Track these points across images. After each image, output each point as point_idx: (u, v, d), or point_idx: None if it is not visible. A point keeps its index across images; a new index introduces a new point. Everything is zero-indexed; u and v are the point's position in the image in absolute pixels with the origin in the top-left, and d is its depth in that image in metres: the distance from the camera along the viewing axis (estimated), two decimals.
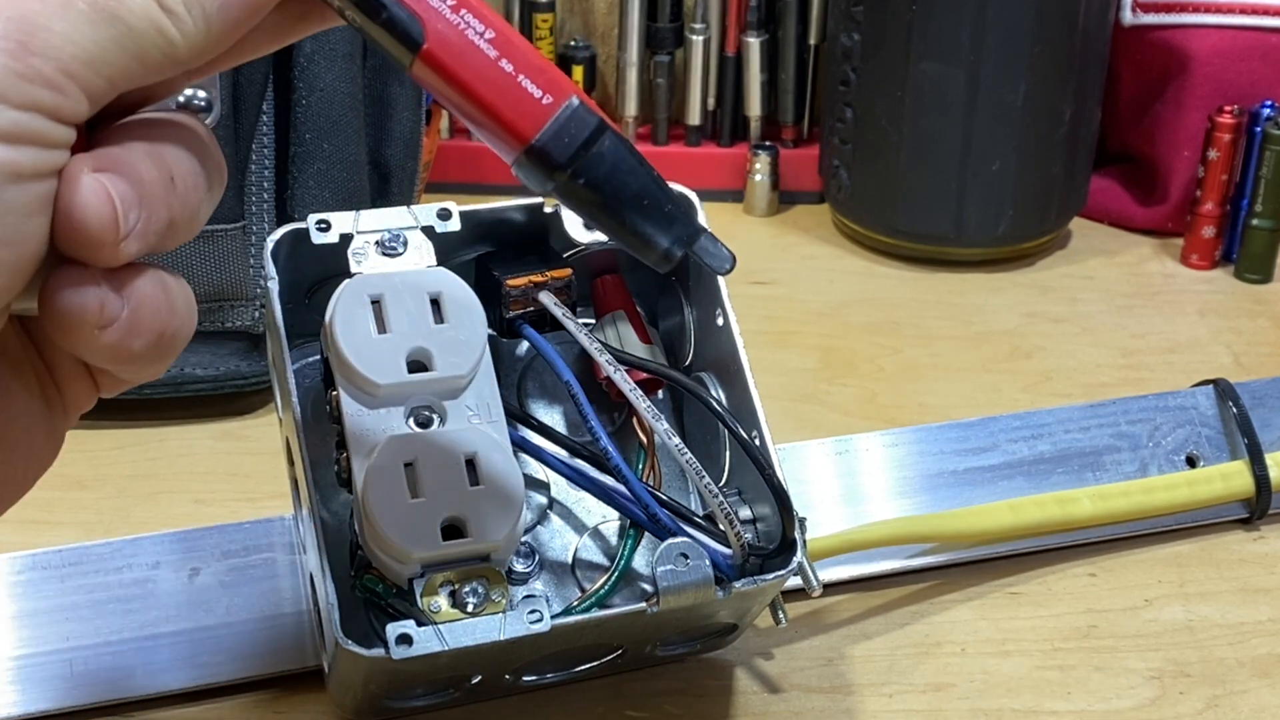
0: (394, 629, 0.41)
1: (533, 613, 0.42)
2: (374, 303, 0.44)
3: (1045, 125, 0.80)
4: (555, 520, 0.50)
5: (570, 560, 0.49)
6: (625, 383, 0.45)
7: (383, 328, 0.44)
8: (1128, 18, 0.85)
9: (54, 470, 0.63)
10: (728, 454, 0.50)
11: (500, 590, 0.42)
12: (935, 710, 0.51)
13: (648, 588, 0.46)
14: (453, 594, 0.42)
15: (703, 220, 0.49)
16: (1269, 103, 0.80)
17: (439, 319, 0.45)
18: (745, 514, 0.48)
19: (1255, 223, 0.81)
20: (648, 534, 0.47)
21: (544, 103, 0.36)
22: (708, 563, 0.44)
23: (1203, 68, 0.84)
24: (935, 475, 0.59)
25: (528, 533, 0.49)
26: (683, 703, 0.51)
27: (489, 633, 0.42)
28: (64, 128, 0.33)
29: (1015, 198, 0.81)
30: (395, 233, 0.46)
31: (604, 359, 0.45)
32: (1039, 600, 0.57)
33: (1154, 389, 0.64)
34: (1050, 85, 0.79)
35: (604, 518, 0.50)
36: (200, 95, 0.60)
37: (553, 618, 0.42)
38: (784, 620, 0.49)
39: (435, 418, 0.45)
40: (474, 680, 0.47)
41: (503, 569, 0.43)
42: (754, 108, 0.90)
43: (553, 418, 0.51)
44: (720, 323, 0.49)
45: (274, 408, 0.51)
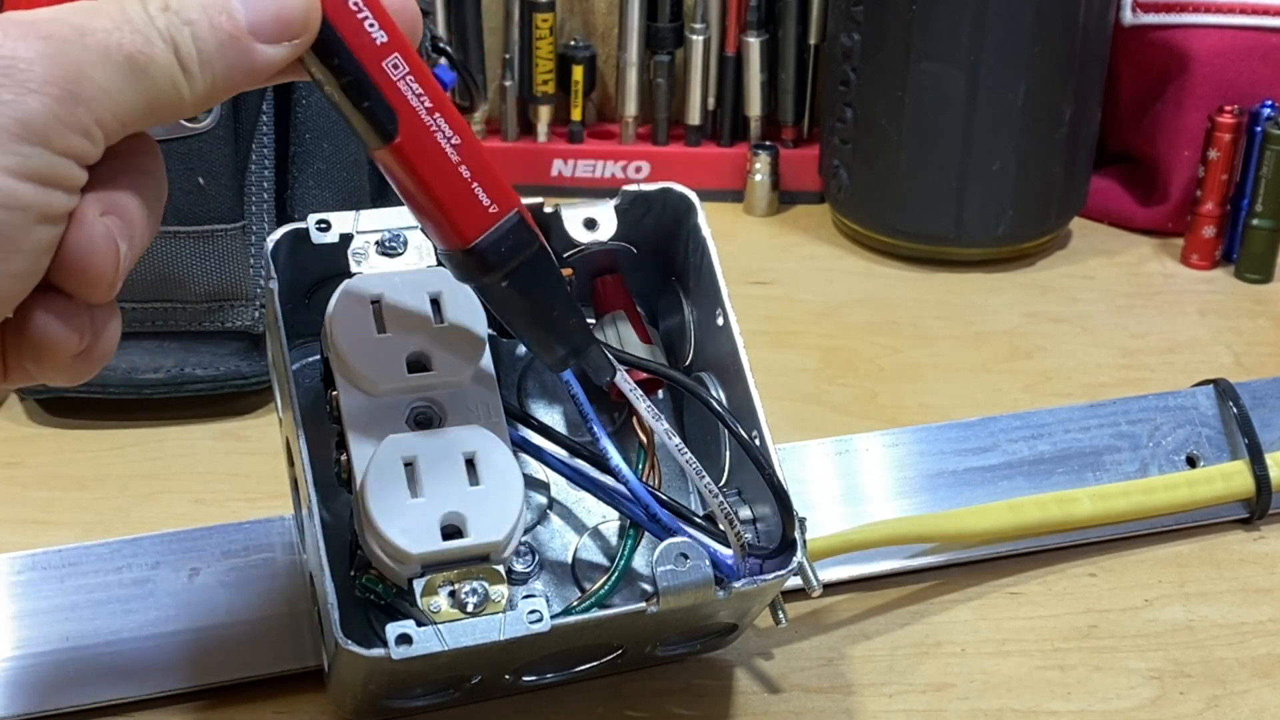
0: (394, 629, 0.41)
1: (533, 613, 0.42)
2: (374, 303, 0.45)
3: (1045, 125, 0.80)
4: (555, 520, 0.50)
5: (570, 560, 0.49)
6: (625, 383, 0.45)
7: (383, 328, 0.44)
8: (1128, 18, 0.85)
9: (54, 470, 0.63)
10: (728, 454, 0.50)
11: (500, 590, 0.42)
12: (935, 710, 0.51)
13: (648, 588, 0.46)
14: (452, 594, 0.42)
15: (701, 219, 0.49)
16: (1269, 103, 0.80)
17: (439, 319, 0.45)
18: (745, 514, 0.48)
19: (1255, 223, 0.81)
20: (648, 534, 0.47)
21: (490, 211, 0.39)
22: (708, 563, 0.44)
23: (1203, 68, 0.84)
24: (935, 475, 0.59)
25: (528, 533, 0.49)
26: (683, 703, 0.51)
27: (489, 633, 0.42)
28: (84, 172, 0.35)
29: (1015, 198, 0.81)
30: (395, 233, 0.46)
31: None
32: (1039, 600, 0.57)
33: (1154, 389, 0.64)
34: (1050, 85, 0.79)
35: (604, 518, 0.50)
36: None
37: (553, 618, 0.42)
38: (784, 620, 0.49)
39: (435, 418, 0.45)
40: (474, 680, 0.47)
41: (502, 569, 0.43)
42: (754, 108, 0.90)
43: (553, 418, 0.51)
44: (720, 323, 0.49)
45: (274, 408, 0.51)
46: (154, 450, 0.64)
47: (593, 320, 0.51)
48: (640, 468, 0.48)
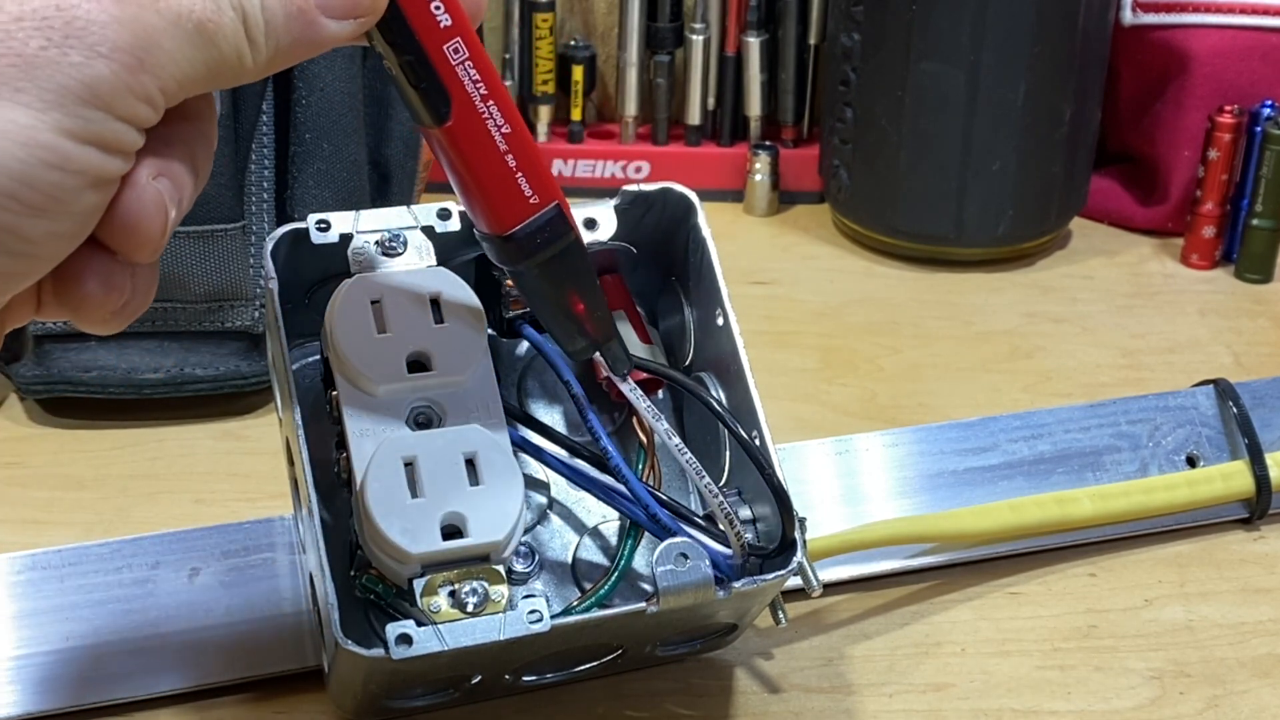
0: (394, 629, 0.41)
1: (533, 613, 0.42)
2: (374, 303, 0.44)
3: (1045, 125, 0.80)
4: (555, 520, 0.50)
5: (570, 560, 0.49)
6: (625, 383, 0.45)
7: (383, 328, 0.44)
8: (1128, 18, 0.85)
9: (54, 470, 0.63)
10: (728, 454, 0.50)
11: (500, 590, 0.42)
12: (935, 710, 0.51)
13: (648, 588, 0.46)
14: (452, 594, 0.42)
15: (701, 219, 0.49)
16: (1269, 103, 0.80)
17: (439, 319, 0.45)
18: (745, 514, 0.48)
19: (1255, 223, 0.81)
20: (648, 534, 0.47)
21: (531, 201, 0.40)
22: (708, 563, 0.44)
23: (1203, 68, 0.84)
24: (935, 475, 0.59)
25: (528, 533, 0.49)
26: (683, 703, 0.51)
27: (489, 633, 0.42)
28: (142, 136, 0.35)
29: (1015, 198, 0.81)
30: (395, 233, 0.46)
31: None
32: (1039, 600, 0.57)
33: (1154, 389, 0.64)
34: (1050, 85, 0.79)
35: (604, 518, 0.50)
36: None
37: (553, 618, 0.42)
38: (784, 620, 0.49)
39: (435, 418, 0.45)
40: (474, 680, 0.47)
41: (502, 569, 0.43)
42: (754, 108, 0.90)
43: (553, 418, 0.51)
44: (720, 323, 0.49)
45: (274, 408, 0.51)
46: (154, 450, 0.64)
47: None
48: (640, 468, 0.48)
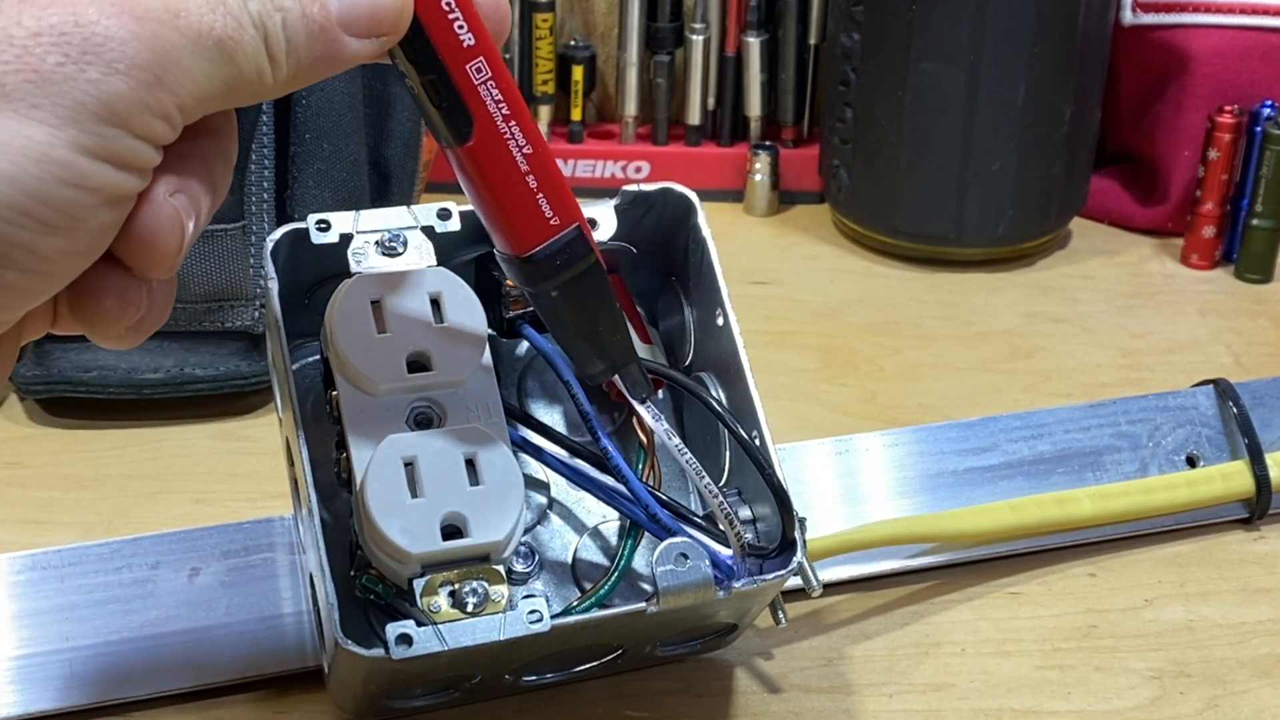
0: (394, 629, 0.41)
1: (533, 613, 0.42)
2: (374, 303, 0.44)
3: (1045, 125, 0.80)
4: (555, 520, 0.50)
5: (570, 560, 0.49)
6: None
7: (383, 328, 0.44)
8: (1128, 18, 0.85)
9: (54, 470, 0.63)
10: (728, 454, 0.50)
11: (500, 590, 0.42)
12: (935, 710, 0.51)
13: (648, 588, 0.46)
14: (453, 594, 0.42)
15: (701, 219, 0.49)
16: (1269, 103, 0.80)
17: (439, 319, 0.45)
18: (745, 514, 0.48)
19: (1255, 223, 0.81)
20: (648, 534, 0.47)
21: (551, 223, 0.40)
22: (707, 563, 0.44)
23: (1203, 68, 0.84)
24: (935, 475, 0.59)
25: (528, 533, 0.49)
26: (683, 703, 0.51)
27: (489, 633, 0.42)
28: (159, 154, 0.34)
29: (1015, 198, 0.81)
30: (395, 233, 0.46)
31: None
32: (1039, 600, 0.57)
33: (1154, 389, 0.64)
34: (1050, 85, 0.79)
35: (604, 518, 0.50)
36: None
37: (553, 618, 0.42)
38: (784, 620, 0.49)
39: (435, 418, 0.45)
40: (474, 680, 0.47)
41: (502, 569, 0.43)
42: (754, 108, 0.90)
43: (553, 418, 0.51)
44: (720, 323, 0.49)
45: (274, 408, 0.51)
46: (154, 450, 0.64)
47: None
48: (640, 468, 0.48)
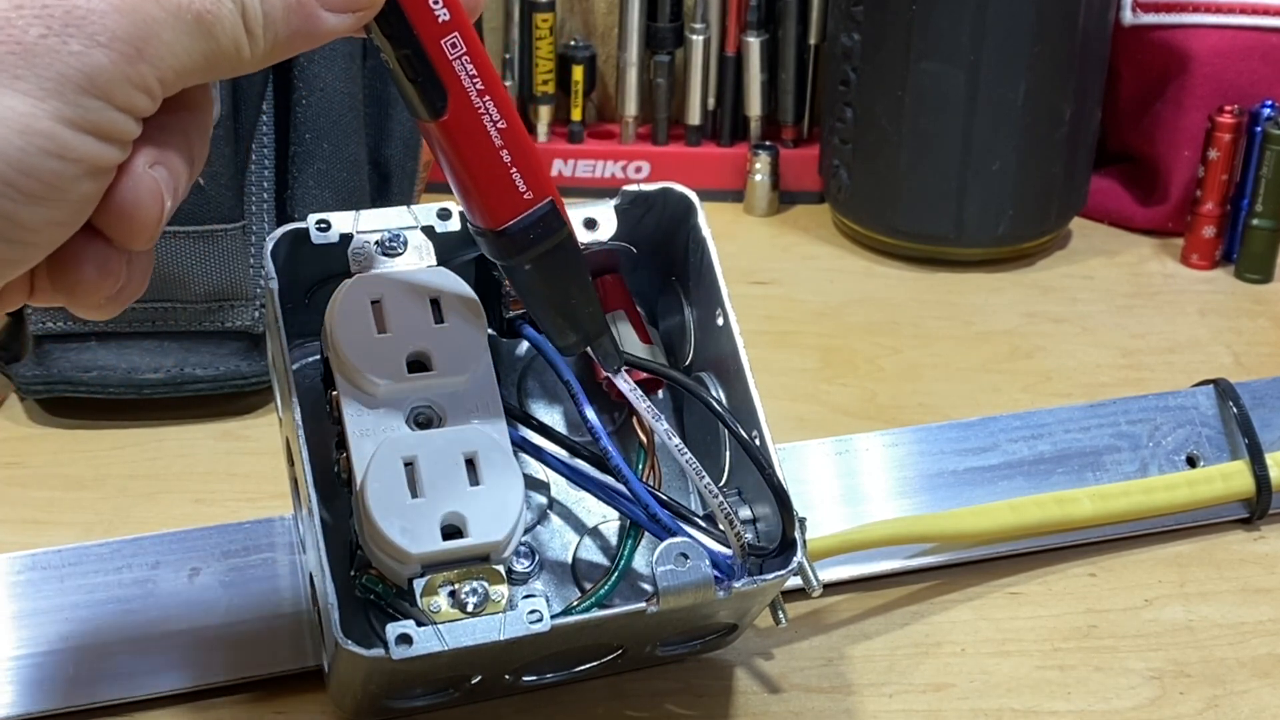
0: (394, 629, 0.41)
1: (533, 613, 0.42)
2: (374, 303, 0.44)
3: (1045, 125, 0.80)
4: (555, 520, 0.50)
5: (570, 560, 0.49)
6: (625, 383, 0.45)
7: (383, 328, 0.44)
8: (1128, 18, 0.85)
9: (54, 470, 0.63)
10: (728, 454, 0.50)
11: (500, 590, 0.42)
12: (935, 710, 0.51)
13: (648, 588, 0.46)
14: (453, 594, 0.42)
15: (701, 219, 0.49)
16: (1269, 103, 0.80)
17: (439, 319, 0.45)
18: (745, 514, 0.48)
19: (1255, 223, 0.81)
20: (648, 534, 0.47)
21: (525, 197, 0.41)
22: (707, 563, 0.44)
23: (1203, 68, 0.84)
24: (935, 475, 0.59)
25: (528, 533, 0.49)
26: (683, 703, 0.51)
27: (489, 633, 0.42)
28: (139, 126, 0.35)
29: (1015, 198, 0.81)
30: (395, 233, 0.46)
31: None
32: (1039, 600, 0.57)
33: (1154, 389, 0.64)
34: (1050, 85, 0.79)
35: (604, 518, 0.50)
36: None
37: (553, 618, 0.42)
38: (784, 620, 0.49)
39: (435, 418, 0.45)
40: (474, 680, 0.47)
41: (502, 569, 0.43)
42: (754, 108, 0.90)
43: (553, 418, 0.51)
44: (720, 323, 0.49)
45: (274, 408, 0.51)
46: (154, 450, 0.64)
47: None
48: (640, 468, 0.48)
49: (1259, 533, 0.61)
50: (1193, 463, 0.61)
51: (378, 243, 0.46)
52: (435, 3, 0.38)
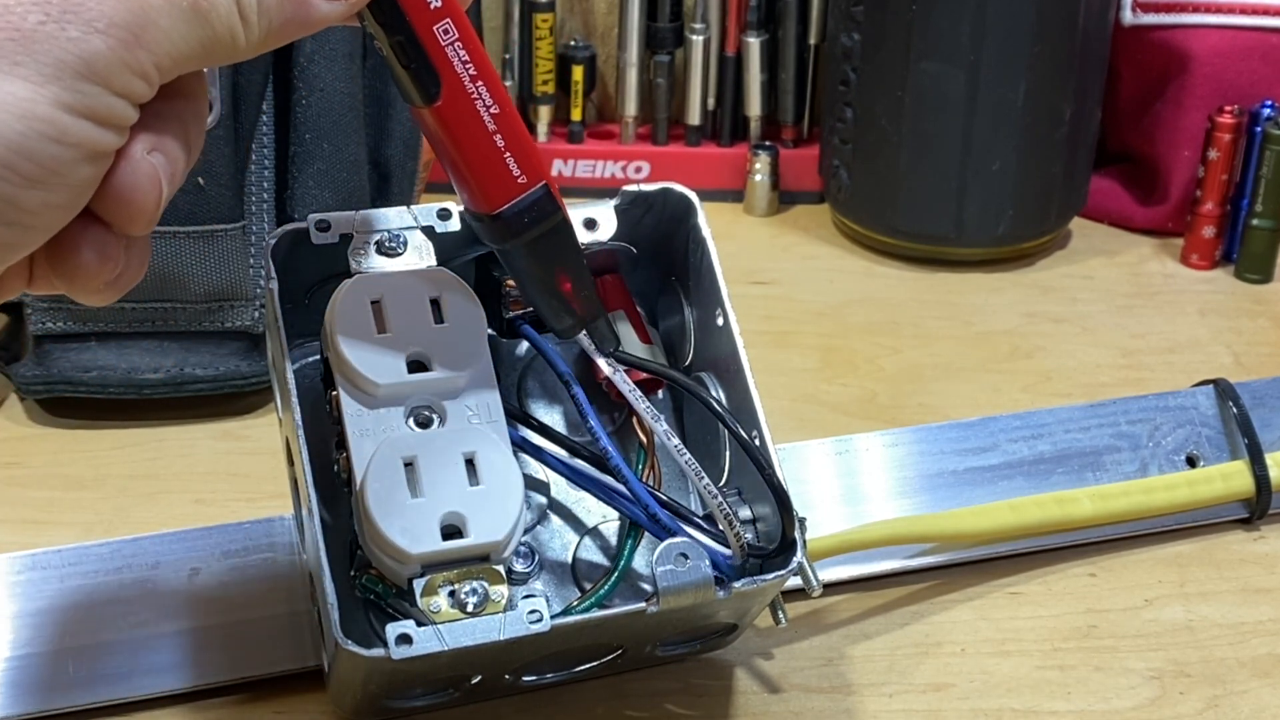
0: (394, 629, 0.41)
1: (533, 613, 0.42)
2: (374, 303, 0.44)
3: (1045, 125, 0.80)
4: (555, 520, 0.50)
5: (570, 560, 0.49)
6: (625, 383, 0.45)
7: (383, 328, 0.44)
8: (1128, 18, 0.85)
9: (54, 470, 0.63)
10: (728, 454, 0.50)
11: (500, 590, 0.42)
12: (935, 710, 0.51)
13: (648, 588, 0.46)
14: (452, 594, 0.42)
15: (701, 219, 0.49)
16: (1269, 103, 0.80)
17: (439, 319, 0.45)
18: (745, 514, 0.48)
19: (1255, 223, 0.81)
20: (648, 534, 0.47)
21: (519, 181, 0.41)
22: (707, 563, 0.44)
23: (1203, 68, 0.84)
24: (935, 475, 0.59)
25: (528, 533, 0.49)
26: (683, 703, 0.51)
27: (489, 633, 0.42)
28: (137, 111, 0.35)
29: (1015, 198, 0.81)
30: (395, 233, 0.46)
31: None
32: (1039, 600, 0.57)
33: (1154, 389, 0.64)
34: (1050, 85, 0.79)
35: (604, 518, 0.50)
36: None
37: (553, 618, 0.42)
38: (784, 620, 0.49)
39: (435, 418, 0.45)
40: (474, 680, 0.47)
41: (502, 569, 0.43)
42: (754, 108, 0.90)
43: (553, 418, 0.51)
44: (720, 323, 0.49)
45: (274, 408, 0.51)
46: (154, 450, 0.64)
47: None
48: (640, 468, 0.48)
49: (1259, 533, 0.61)
50: (1193, 463, 0.61)
51: (378, 243, 0.46)
52: None
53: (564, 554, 0.49)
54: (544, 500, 0.50)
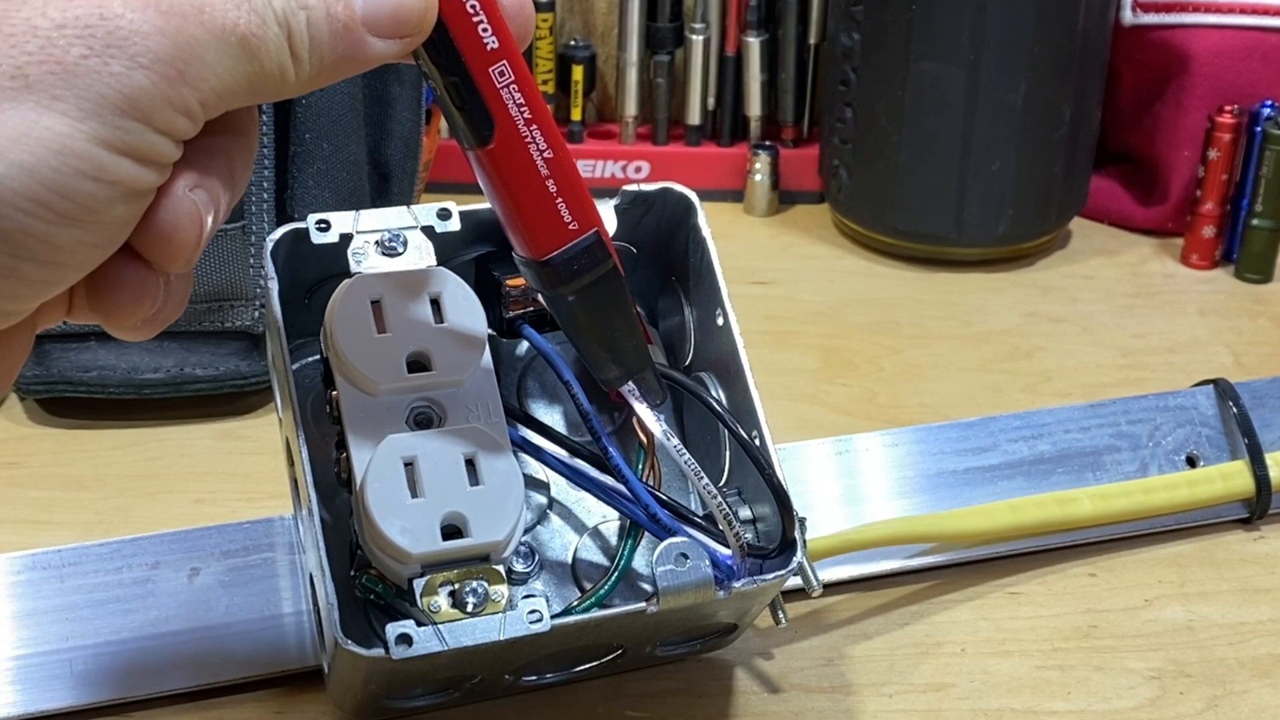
0: (394, 629, 0.41)
1: (533, 613, 0.42)
2: (374, 303, 0.44)
3: (1045, 125, 0.80)
4: (555, 520, 0.50)
5: (570, 560, 0.49)
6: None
7: (383, 328, 0.44)
8: (1128, 18, 0.85)
9: (54, 470, 0.63)
10: (728, 454, 0.50)
11: (500, 590, 0.42)
12: (935, 710, 0.51)
13: (648, 588, 0.46)
14: (453, 594, 0.42)
15: (701, 219, 0.49)
16: (1269, 103, 0.80)
17: (439, 319, 0.45)
18: (745, 514, 0.48)
19: (1255, 222, 0.81)
20: (648, 534, 0.47)
21: (570, 228, 0.40)
22: (707, 563, 0.44)
23: (1203, 68, 0.84)
24: (935, 475, 0.59)
25: (528, 533, 0.49)
26: (683, 703, 0.51)
27: (489, 633, 0.42)
28: (179, 149, 0.34)
29: (1015, 198, 0.81)
30: (395, 233, 0.46)
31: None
32: (1039, 600, 0.57)
33: (1154, 389, 0.64)
34: (1050, 85, 0.79)
35: (604, 518, 0.50)
36: None
37: (553, 618, 0.42)
38: (784, 620, 0.49)
39: (435, 418, 0.45)
40: (474, 680, 0.47)
41: (503, 569, 0.43)
42: (754, 108, 0.90)
43: (553, 418, 0.51)
44: (720, 323, 0.49)
45: (274, 408, 0.51)
46: (154, 450, 0.64)
47: None
48: (640, 468, 0.48)
49: (1259, 533, 0.61)
50: (1193, 463, 0.61)
51: (378, 243, 0.46)
52: (484, 29, 0.37)
53: (564, 554, 0.49)
54: (544, 500, 0.50)
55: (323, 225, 0.46)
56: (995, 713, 0.51)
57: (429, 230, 0.46)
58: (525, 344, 0.50)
